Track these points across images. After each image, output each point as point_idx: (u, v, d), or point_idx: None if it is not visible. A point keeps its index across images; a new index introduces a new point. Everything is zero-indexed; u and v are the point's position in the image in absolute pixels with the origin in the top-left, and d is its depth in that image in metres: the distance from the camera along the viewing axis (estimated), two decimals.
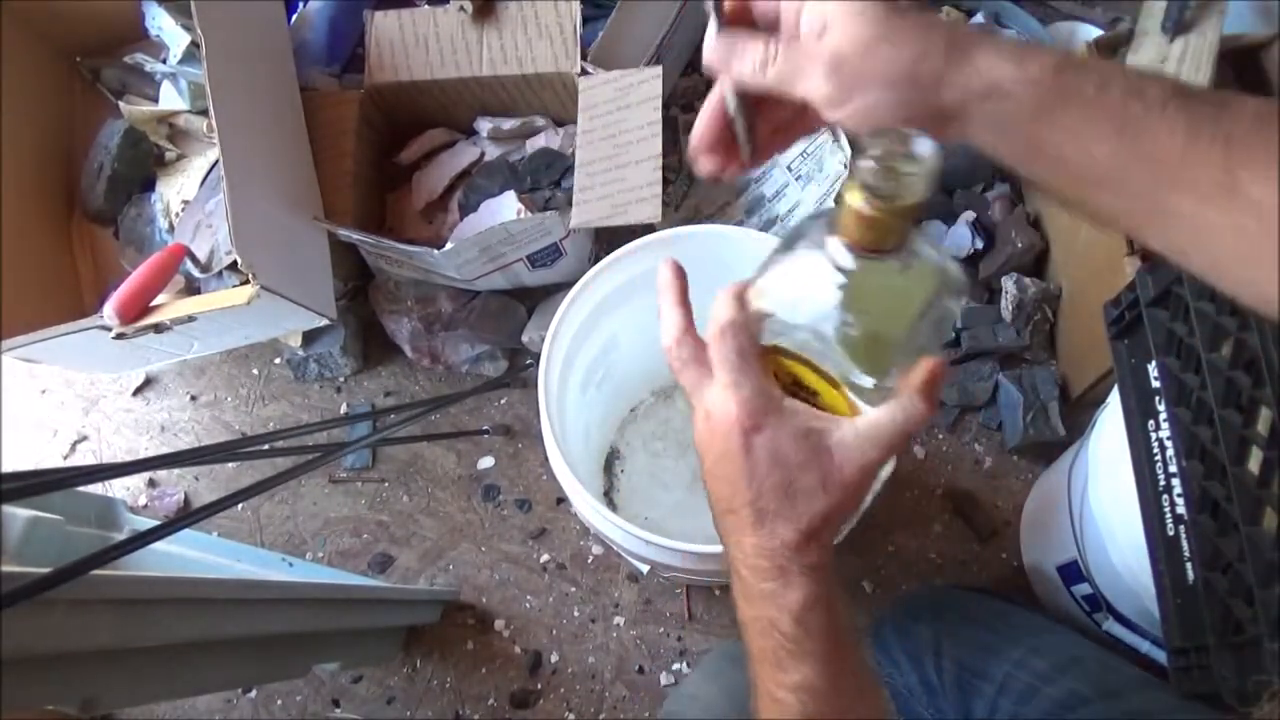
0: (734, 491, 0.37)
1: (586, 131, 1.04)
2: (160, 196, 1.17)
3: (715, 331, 0.38)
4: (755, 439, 0.36)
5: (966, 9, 1.20)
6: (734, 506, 0.37)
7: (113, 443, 1.29)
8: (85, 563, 0.54)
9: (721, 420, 0.37)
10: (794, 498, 0.36)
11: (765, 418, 0.36)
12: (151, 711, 1.10)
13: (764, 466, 0.36)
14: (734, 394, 0.36)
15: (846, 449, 0.36)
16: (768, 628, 0.37)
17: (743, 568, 0.38)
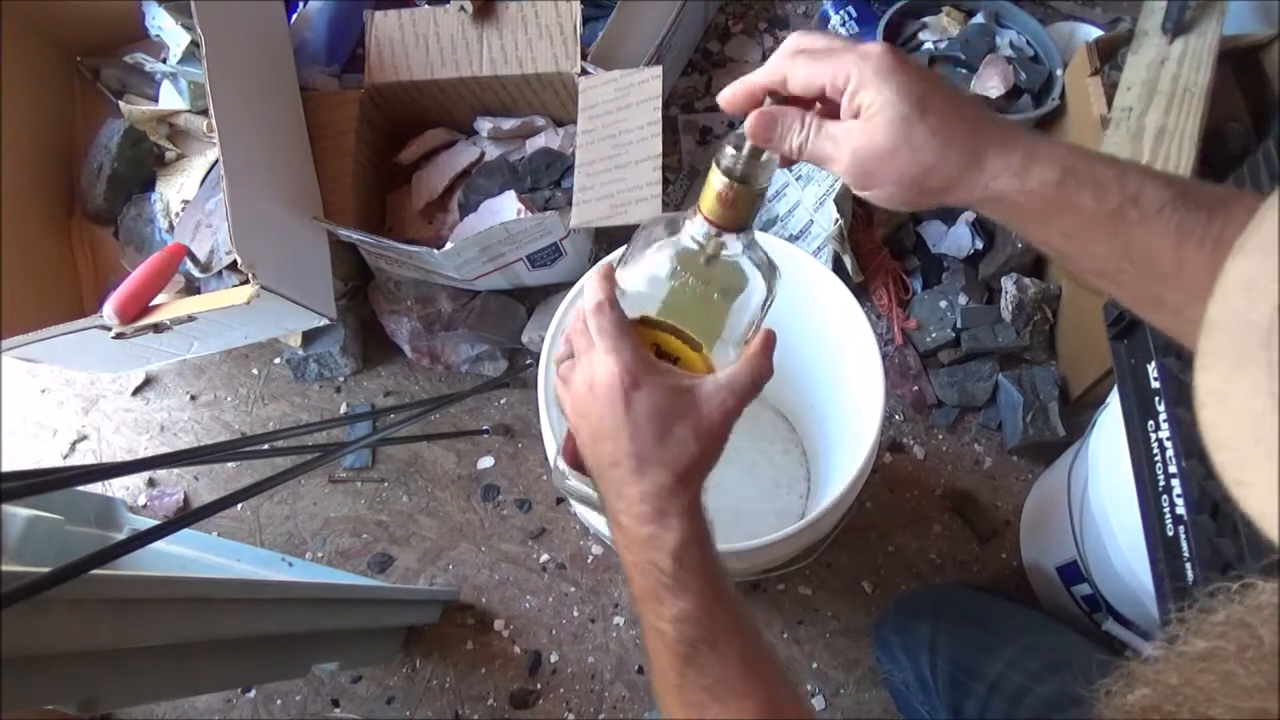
0: (616, 446, 0.41)
1: (586, 131, 1.04)
2: (160, 196, 1.17)
3: (592, 306, 0.43)
4: (635, 395, 0.41)
5: (966, 9, 1.20)
6: (617, 459, 0.42)
7: (112, 442, 1.29)
8: (85, 563, 0.54)
9: (604, 383, 0.41)
10: (670, 445, 0.41)
11: (643, 376, 0.41)
12: (151, 711, 1.10)
13: (643, 418, 0.41)
14: (615, 358, 0.41)
15: (711, 399, 0.42)
16: (648, 567, 0.41)
17: (624, 517, 0.42)
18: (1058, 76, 1.11)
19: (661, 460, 0.41)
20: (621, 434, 0.41)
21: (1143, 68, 0.95)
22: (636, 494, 0.41)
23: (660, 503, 0.41)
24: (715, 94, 1.42)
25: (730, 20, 1.43)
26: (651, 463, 0.41)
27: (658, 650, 0.42)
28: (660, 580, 0.41)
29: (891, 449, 1.14)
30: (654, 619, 0.41)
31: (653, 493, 0.41)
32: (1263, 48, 1.03)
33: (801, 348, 0.93)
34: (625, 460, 0.41)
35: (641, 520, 0.41)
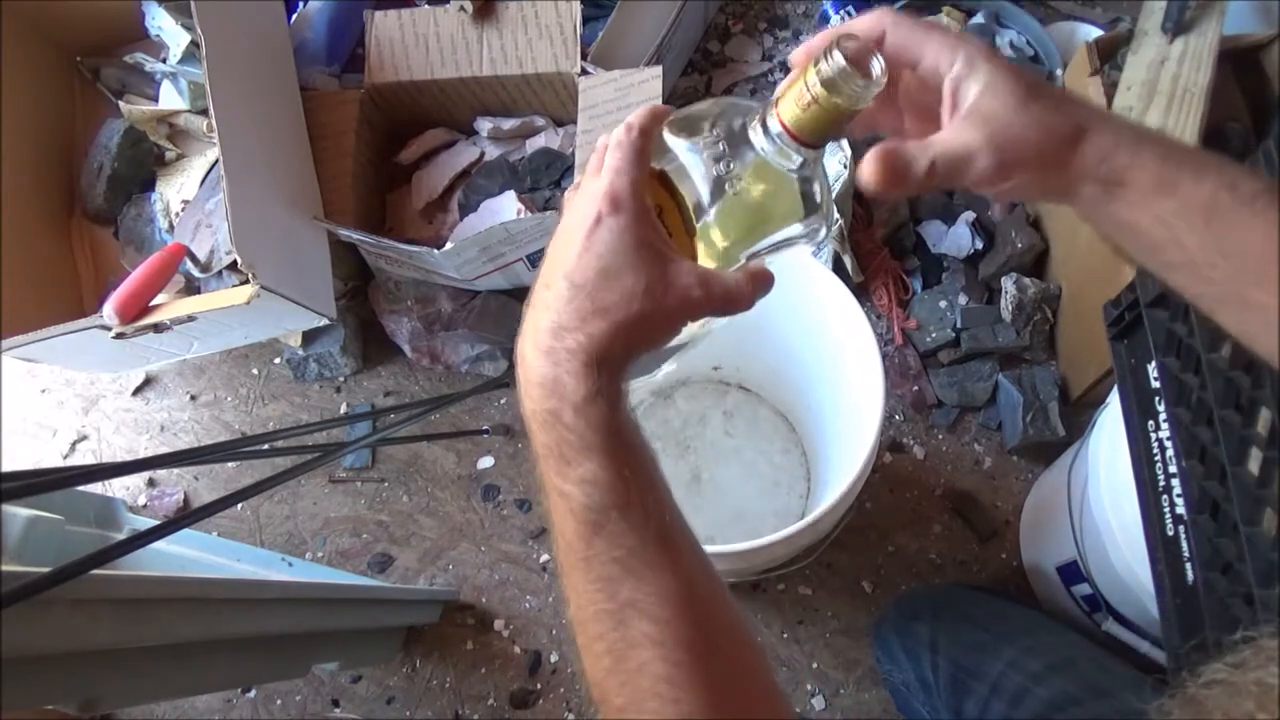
0: (558, 264, 0.37)
1: (586, 131, 1.04)
2: (160, 196, 1.17)
3: (624, 127, 0.38)
4: (605, 220, 0.36)
5: (966, 9, 1.20)
6: (551, 281, 0.37)
7: (112, 442, 1.29)
8: (85, 563, 0.54)
9: (587, 195, 0.37)
10: (611, 286, 0.35)
11: (624, 206, 0.36)
12: (151, 711, 1.10)
13: (600, 245, 0.36)
14: (611, 176, 0.36)
15: (678, 276, 0.36)
16: (550, 420, 0.36)
17: (529, 346, 0.37)
18: (1058, 76, 1.11)
19: (594, 295, 0.35)
20: (569, 252, 0.36)
21: (1143, 68, 0.95)
22: (549, 322, 0.36)
23: (570, 340, 0.35)
24: (715, 94, 1.42)
25: (730, 20, 1.43)
26: (583, 293, 0.36)
27: (563, 519, 0.36)
28: (563, 435, 0.35)
29: (891, 449, 1.14)
30: (559, 480, 0.36)
31: (565, 327, 0.36)
32: (1263, 48, 1.03)
33: (801, 348, 0.93)
34: (558, 283, 0.36)
35: (543, 355, 0.36)
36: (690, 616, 0.35)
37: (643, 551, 0.35)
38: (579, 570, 0.36)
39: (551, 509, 0.37)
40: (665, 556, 0.35)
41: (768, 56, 1.40)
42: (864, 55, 0.35)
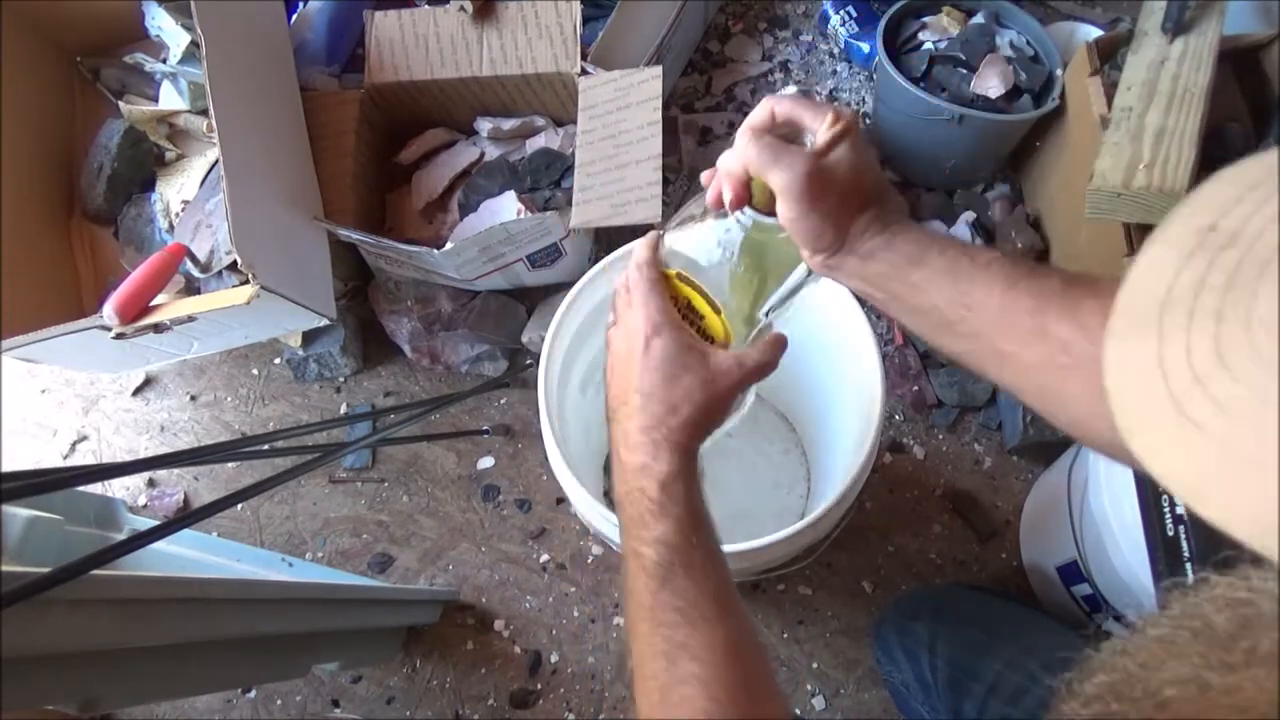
0: (627, 383, 0.46)
1: (586, 131, 1.04)
2: (160, 196, 1.17)
3: (634, 264, 0.49)
4: (654, 341, 0.46)
5: (966, 9, 1.20)
6: (626, 398, 0.46)
7: (113, 443, 1.29)
8: (85, 563, 0.54)
9: (632, 328, 0.47)
10: (676, 388, 0.45)
11: (664, 328, 0.46)
12: (151, 711, 1.10)
13: (655, 360, 0.45)
14: (644, 309, 0.47)
15: (720, 364, 0.46)
16: (638, 496, 0.44)
17: (623, 450, 0.46)
18: (1058, 76, 1.11)
19: (664, 399, 0.45)
20: (633, 372, 0.46)
21: (1143, 68, 0.95)
22: (636, 426, 0.45)
23: (657, 435, 0.45)
24: (715, 94, 1.43)
25: (730, 20, 1.43)
26: (655, 400, 0.45)
27: (635, 574, 0.44)
28: (646, 506, 0.44)
29: (891, 449, 1.14)
30: (636, 543, 0.44)
31: (651, 425, 0.45)
32: (1263, 48, 1.03)
33: (801, 348, 0.93)
34: (633, 397, 0.46)
35: (636, 450, 0.45)
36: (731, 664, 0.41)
37: (699, 605, 0.42)
38: (645, 619, 0.43)
39: (627, 571, 0.45)
40: (717, 611, 0.43)
41: (768, 56, 1.40)
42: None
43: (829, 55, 1.39)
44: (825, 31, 1.39)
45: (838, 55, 1.39)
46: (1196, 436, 0.20)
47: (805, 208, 0.43)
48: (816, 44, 1.41)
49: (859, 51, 1.34)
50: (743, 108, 1.35)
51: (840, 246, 0.45)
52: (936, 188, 1.25)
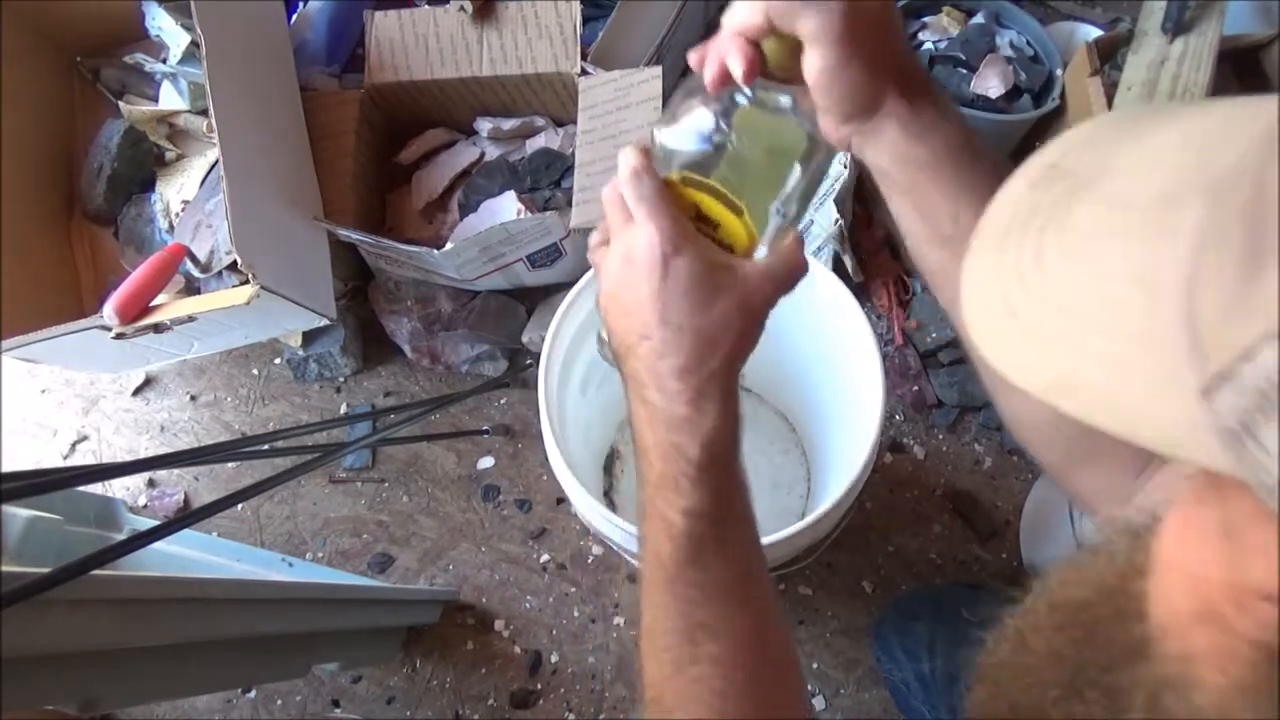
0: (650, 315, 0.38)
1: (586, 131, 1.04)
2: (160, 196, 1.17)
3: (627, 175, 0.40)
4: (675, 262, 0.38)
5: (966, 9, 1.20)
6: (649, 331, 0.39)
7: (113, 443, 1.29)
8: (85, 563, 0.54)
9: (642, 251, 0.39)
10: (712, 316, 0.38)
11: (683, 243, 0.38)
12: (151, 711, 1.10)
13: (681, 284, 0.38)
14: (654, 225, 0.38)
15: (751, 279, 0.39)
16: (672, 452, 0.38)
17: (654, 394, 0.39)
18: (1058, 76, 1.11)
19: (701, 332, 0.38)
20: (657, 302, 0.38)
21: (1143, 68, 0.95)
22: (671, 367, 0.38)
23: (699, 381, 0.38)
24: None
25: None
26: (690, 334, 0.38)
27: (659, 539, 0.39)
28: (683, 470, 0.38)
29: (891, 449, 1.14)
30: (664, 506, 0.39)
31: (689, 366, 0.38)
32: (1263, 48, 1.03)
33: (801, 347, 0.93)
34: (658, 331, 0.38)
35: (674, 399, 0.38)
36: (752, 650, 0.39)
37: (725, 585, 0.39)
38: (663, 587, 0.39)
39: (649, 529, 0.40)
40: (744, 592, 0.40)
41: None
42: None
43: None
44: None
45: None
46: (1013, 322, 0.23)
47: (846, 53, 0.37)
48: None
49: None
50: None
51: (875, 107, 0.39)
52: None
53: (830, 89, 0.38)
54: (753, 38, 0.39)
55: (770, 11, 0.37)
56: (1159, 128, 0.24)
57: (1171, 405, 0.19)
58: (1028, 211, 0.25)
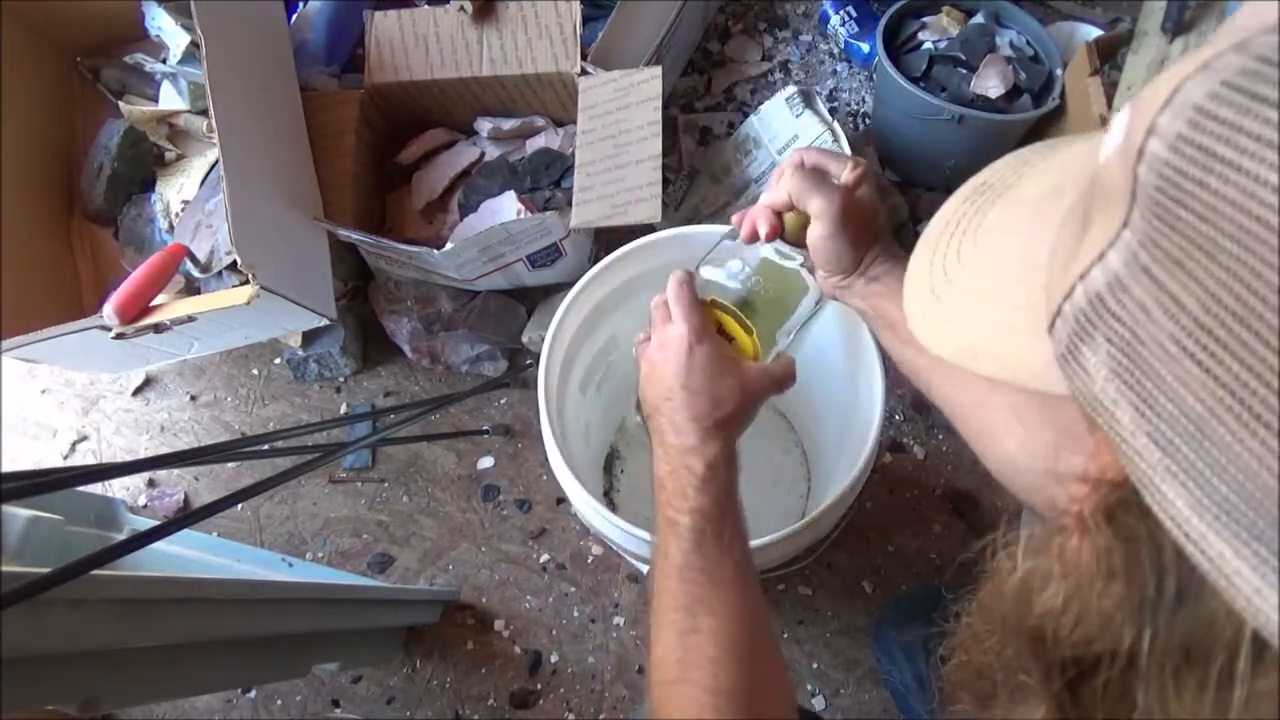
0: (675, 383, 0.52)
1: (586, 131, 1.04)
2: (160, 196, 1.17)
3: (674, 286, 0.56)
4: (697, 348, 0.53)
5: (966, 9, 1.20)
6: (673, 394, 0.52)
7: (113, 443, 1.29)
8: (85, 563, 0.54)
9: (674, 340, 0.54)
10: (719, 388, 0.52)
11: (704, 338, 0.54)
12: (151, 711, 1.10)
13: (701, 363, 0.53)
14: (686, 323, 0.54)
15: (751, 372, 0.55)
16: (683, 472, 0.50)
17: (671, 435, 0.52)
18: (1058, 76, 1.11)
19: (711, 394, 0.52)
20: (681, 373, 0.52)
21: (1143, 68, 0.95)
22: (686, 416, 0.51)
23: (707, 425, 0.51)
24: (715, 94, 1.42)
25: (730, 20, 1.43)
26: (703, 394, 0.51)
27: (668, 538, 0.49)
28: (689, 480, 0.49)
29: (891, 449, 1.14)
30: (673, 513, 0.49)
31: (701, 415, 0.51)
32: None
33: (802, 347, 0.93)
34: (679, 393, 0.52)
35: (686, 434, 0.51)
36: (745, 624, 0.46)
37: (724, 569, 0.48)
38: (673, 575, 0.48)
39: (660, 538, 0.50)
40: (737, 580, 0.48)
41: (767, 56, 1.40)
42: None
43: (829, 55, 1.39)
44: (825, 31, 1.39)
45: (838, 55, 1.39)
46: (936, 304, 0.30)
47: (837, 228, 0.52)
48: (816, 44, 1.41)
49: (859, 51, 1.34)
50: (742, 107, 1.35)
51: (854, 269, 0.54)
52: (936, 188, 1.25)
53: (822, 251, 0.54)
54: (777, 209, 0.55)
55: (792, 191, 0.54)
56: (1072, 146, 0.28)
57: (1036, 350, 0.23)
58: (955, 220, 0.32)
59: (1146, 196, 0.19)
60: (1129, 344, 0.20)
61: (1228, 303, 0.17)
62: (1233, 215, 0.17)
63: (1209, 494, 0.18)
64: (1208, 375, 0.18)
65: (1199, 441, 0.18)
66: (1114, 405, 0.20)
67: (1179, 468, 0.19)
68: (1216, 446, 0.18)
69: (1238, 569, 0.17)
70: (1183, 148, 0.18)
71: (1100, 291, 0.20)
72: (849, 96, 1.36)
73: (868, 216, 0.53)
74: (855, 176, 0.54)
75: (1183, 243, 0.18)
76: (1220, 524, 0.18)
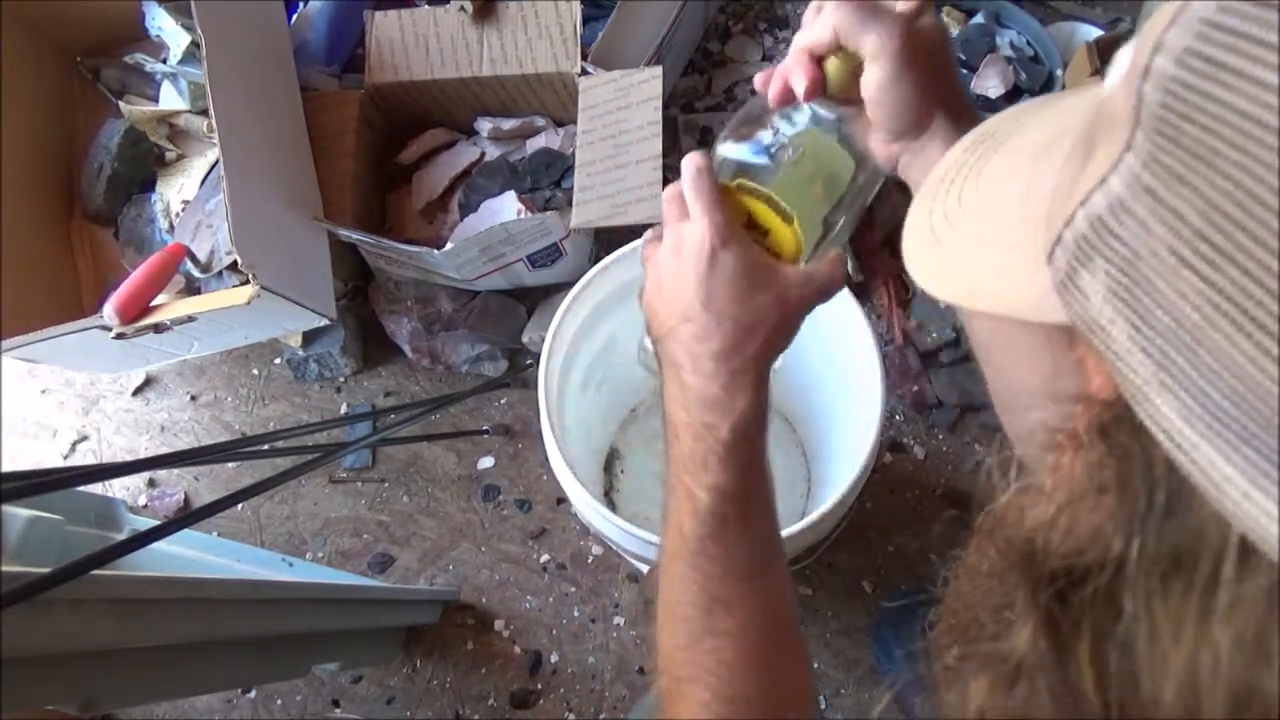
0: (694, 300, 0.41)
1: (586, 131, 1.04)
2: (160, 196, 1.17)
3: (690, 174, 0.44)
4: (721, 254, 0.41)
5: (966, 9, 1.20)
6: (691, 314, 0.41)
7: (113, 443, 1.29)
8: (85, 563, 0.54)
9: (692, 241, 0.42)
10: (750, 307, 0.41)
11: (731, 239, 0.42)
12: (151, 711, 1.10)
13: (726, 275, 0.41)
14: (707, 219, 0.42)
15: (791, 281, 0.43)
16: (703, 432, 0.41)
17: (690, 375, 0.41)
18: (1058, 76, 1.11)
19: (739, 319, 0.41)
20: (701, 288, 0.41)
21: None
22: (709, 350, 0.41)
23: (734, 365, 0.40)
24: (715, 94, 1.42)
25: (730, 20, 1.43)
26: (729, 319, 0.41)
27: (682, 514, 0.41)
28: (712, 448, 0.40)
29: (891, 449, 1.14)
30: (691, 483, 0.41)
31: (728, 350, 0.40)
32: None
33: (802, 348, 0.93)
34: (700, 315, 0.41)
35: (709, 380, 0.41)
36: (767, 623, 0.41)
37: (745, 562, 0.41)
38: (684, 560, 0.41)
39: (673, 504, 0.42)
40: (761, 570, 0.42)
41: (768, 56, 1.40)
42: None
43: None
44: None
45: None
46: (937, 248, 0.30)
47: (901, 71, 0.40)
48: None
49: None
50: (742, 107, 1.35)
51: (925, 126, 0.42)
52: None
53: (883, 103, 0.41)
54: (819, 53, 0.42)
55: (838, 26, 0.40)
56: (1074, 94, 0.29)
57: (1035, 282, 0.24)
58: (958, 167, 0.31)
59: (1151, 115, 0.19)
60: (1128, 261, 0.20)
61: (1228, 210, 0.17)
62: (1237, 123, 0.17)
63: (1201, 402, 0.18)
64: (1205, 283, 0.18)
65: (1193, 351, 0.19)
66: (1110, 324, 0.21)
67: (1172, 380, 0.19)
68: (1211, 353, 0.18)
69: (1228, 475, 0.18)
70: (1189, 60, 0.18)
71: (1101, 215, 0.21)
72: None
73: (938, 53, 0.41)
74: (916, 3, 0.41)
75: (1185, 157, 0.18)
76: (1211, 431, 0.18)
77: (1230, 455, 0.18)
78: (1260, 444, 0.17)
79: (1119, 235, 0.20)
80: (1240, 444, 0.18)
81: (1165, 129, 0.19)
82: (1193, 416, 0.19)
